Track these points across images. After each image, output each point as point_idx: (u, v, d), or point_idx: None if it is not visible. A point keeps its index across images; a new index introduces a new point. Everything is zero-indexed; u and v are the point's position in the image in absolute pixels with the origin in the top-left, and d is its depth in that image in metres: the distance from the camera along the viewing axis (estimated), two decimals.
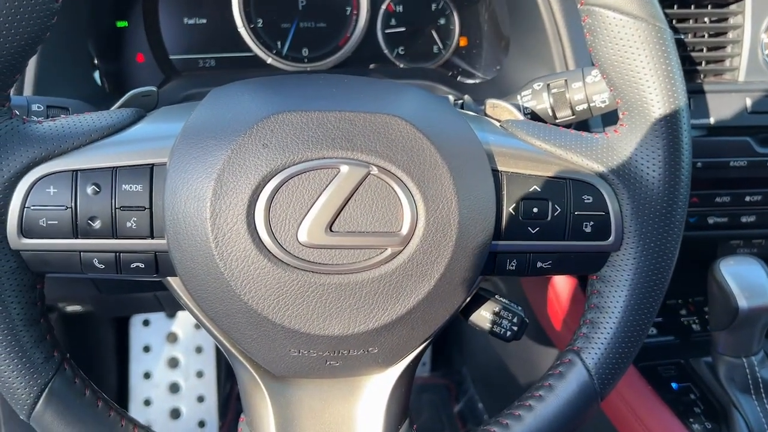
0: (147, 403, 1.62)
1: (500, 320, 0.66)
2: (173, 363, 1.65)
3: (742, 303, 0.83)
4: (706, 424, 0.92)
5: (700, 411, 0.94)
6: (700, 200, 0.98)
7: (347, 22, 1.05)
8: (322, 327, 0.52)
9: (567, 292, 1.07)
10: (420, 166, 0.52)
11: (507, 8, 1.02)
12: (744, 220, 1.03)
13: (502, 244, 0.58)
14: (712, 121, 0.96)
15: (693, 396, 0.97)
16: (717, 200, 1.00)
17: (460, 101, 0.77)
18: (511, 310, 0.65)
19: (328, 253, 0.51)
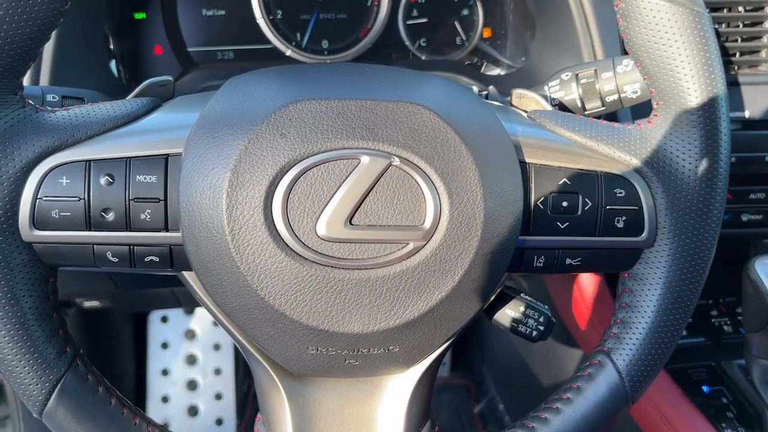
0: (165, 400, 1.62)
1: (526, 319, 0.64)
2: (191, 360, 1.65)
3: None
4: (739, 429, 0.90)
5: (732, 416, 0.92)
6: (734, 197, 0.95)
7: (368, 13, 1.04)
8: (341, 324, 0.51)
9: (593, 290, 1.05)
10: (444, 156, 0.50)
11: None
12: None
13: (530, 240, 0.56)
14: (747, 114, 0.93)
15: (725, 400, 0.95)
16: (751, 197, 0.97)
17: (485, 92, 0.75)
18: (538, 309, 0.64)
19: (348, 248, 0.50)
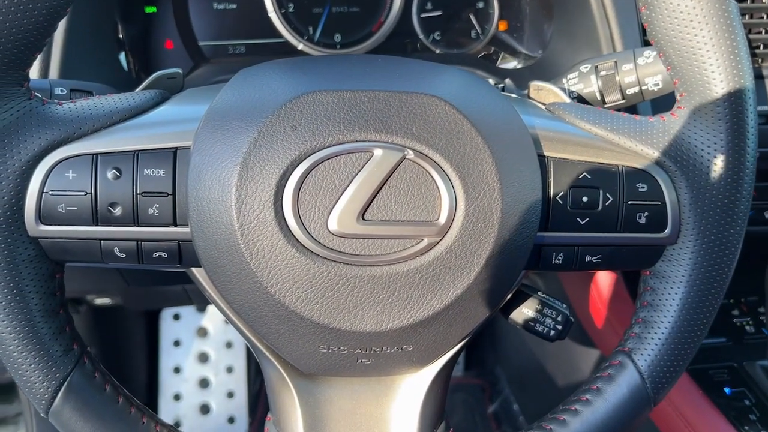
0: (177, 398, 1.62)
1: (543, 318, 0.63)
2: (203, 358, 1.64)
3: None
4: (762, 431, 0.88)
5: (755, 418, 0.91)
6: (758, 193, 0.93)
7: (381, 7, 1.02)
8: (353, 322, 0.50)
9: (610, 289, 1.03)
10: (460, 149, 0.49)
11: None
12: None
13: (548, 236, 0.55)
14: None
15: (747, 402, 0.93)
16: None
17: (501, 85, 0.73)
18: (556, 308, 0.62)
19: (360, 243, 0.49)
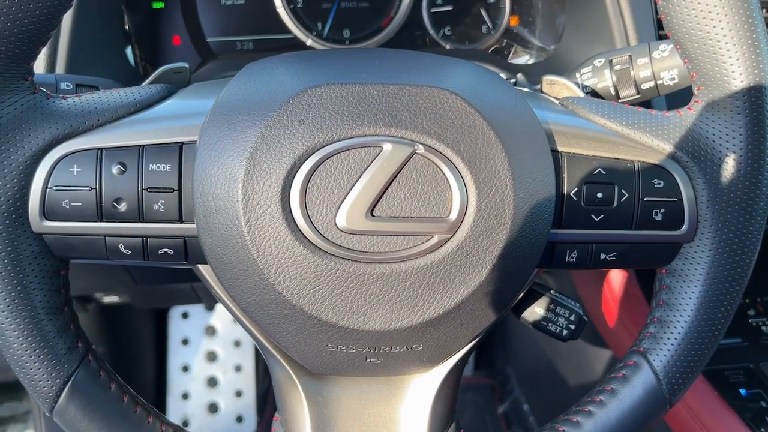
0: (185, 396, 1.61)
1: (556, 318, 0.62)
2: (211, 357, 1.64)
3: None
4: None
5: None
6: None
7: (391, 1, 1.01)
8: (362, 321, 0.49)
9: (623, 288, 1.01)
10: (471, 144, 0.48)
11: None
12: None
13: (562, 233, 0.54)
14: None
15: (764, 403, 0.91)
16: None
17: (513, 80, 0.72)
18: (569, 307, 0.61)
19: (369, 240, 0.48)
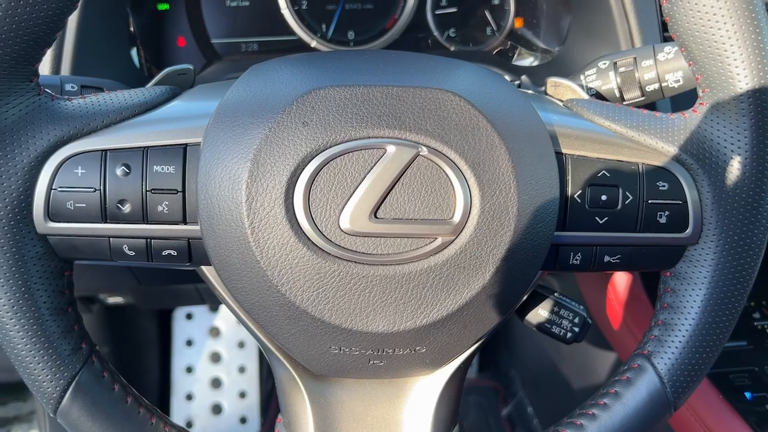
0: (189, 397, 1.62)
1: (560, 320, 0.62)
2: (215, 358, 1.64)
3: None
4: None
5: None
6: None
7: (395, 3, 1.01)
8: (365, 323, 0.49)
9: (628, 290, 1.01)
10: (475, 146, 0.48)
11: None
12: None
13: (566, 236, 0.53)
14: None
15: None
16: None
17: (517, 82, 0.72)
18: (573, 309, 0.61)
19: (373, 242, 0.48)
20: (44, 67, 0.76)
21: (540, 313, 0.62)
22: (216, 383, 1.63)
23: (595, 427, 0.55)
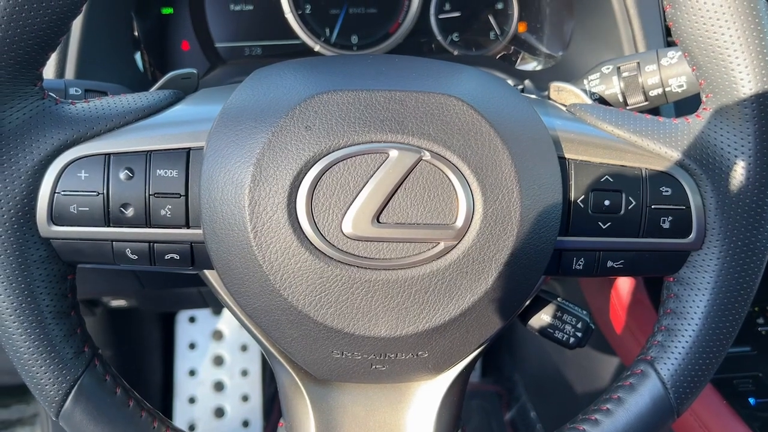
0: (192, 401, 1.61)
1: (563, 325, 0.61)
2: (218, 361, 1.64)
3: None
4: None
5: None
6: None
7: (399, 8, 1.02)
8: (368, 327, 0.49)
9: (631, 295, 1.00)
10: (478, 151, 0.48)
11: None
12: None
13: (569, 241, 0.53)
14: None
15: None
16: None
17: (520, 87, 0.72)
18: (576, 314, 0.61)
19: (375, 247, 0.48)
20: (48, 71, 0.77)
21: (543, 318, 0.61)
22: (219, 386, 1.63)
23: None
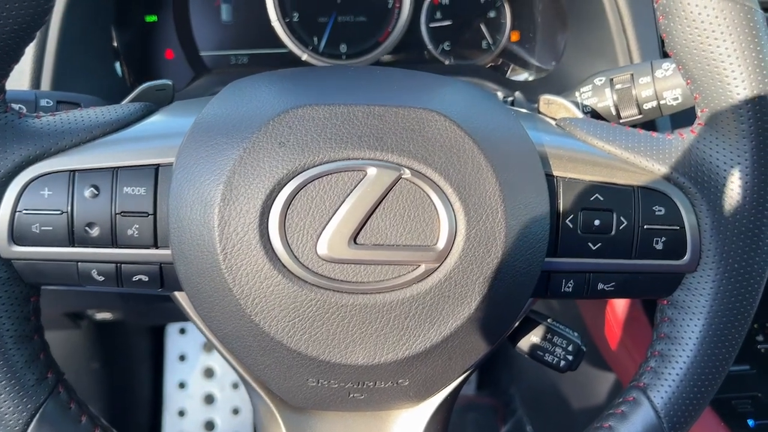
0: (181, 413, 1.59)
1: (553, 348, 0.59)
2: (209, 373, 1.61)
3: None
4: None
5: None
6: None
7: (389, 16, 1.00)
8: (344, 354, 0.47)
9: (627, 312, 0.98)
10: (460, 169, 0.46)
11: None
12: None
13: (557, 262, 0.51)
14: None
15: None
16: None
17: (510, 98, 0.70)
18: (567, 337, 0.59)
19: (352, 269, 0.46)
20: (23, 82, 0.74)
21: (532, 340, 0.59)
22: (209, 399, 1.60)
23: None
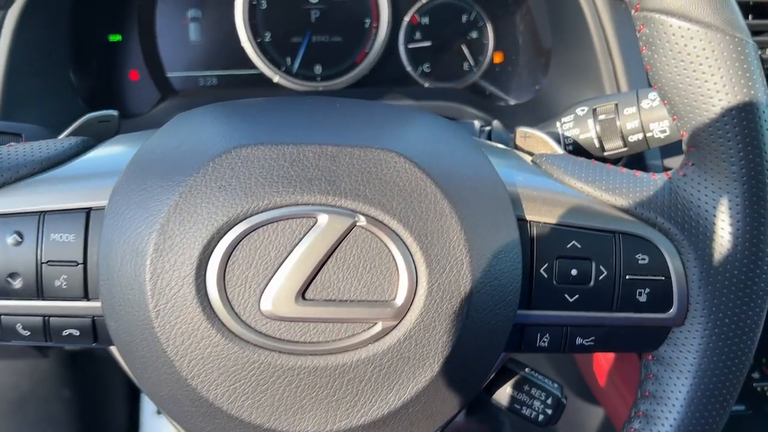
0: None
1: (530, 400, 0.56)
2: None
3: None
4: None
5: None
6: None
7: (365, 36, 0.97)
8: (292, 423, 0.43)
9: None
10: (421, 215, 0.42)
11: (548, 19, 0.93)
12: None
13: (532, 315, 0.48)
14: None
15: None
16: None
17: (488, 128, 0.66)
18: (545, 389, 0.55)
19: (300, 328, 0.42)
20: None
21: (508, 392, 0.56)
22: None
23: None
